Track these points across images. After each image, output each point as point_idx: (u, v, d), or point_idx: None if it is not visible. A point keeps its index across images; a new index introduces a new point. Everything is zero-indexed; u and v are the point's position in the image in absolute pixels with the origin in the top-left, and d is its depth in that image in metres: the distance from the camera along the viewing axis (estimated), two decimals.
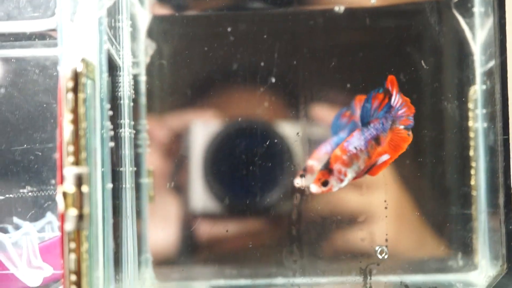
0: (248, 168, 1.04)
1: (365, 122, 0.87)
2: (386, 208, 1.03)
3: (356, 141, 0.86)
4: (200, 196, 1.05)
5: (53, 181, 1.00)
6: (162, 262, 1.05)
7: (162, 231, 1.05)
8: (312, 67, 1.05)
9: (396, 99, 0.86)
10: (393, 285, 1.02)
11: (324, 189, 0.86)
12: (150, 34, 1.06)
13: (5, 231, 1.00)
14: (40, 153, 0.99)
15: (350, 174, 0.86)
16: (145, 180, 1.05)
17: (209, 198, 1.05)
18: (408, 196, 1.04)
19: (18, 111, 0.99)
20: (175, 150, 1.06)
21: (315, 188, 0.86)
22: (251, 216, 1.05)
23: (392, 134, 0.87)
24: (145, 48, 1.06)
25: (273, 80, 1.02)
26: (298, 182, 1.00)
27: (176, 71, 1.06)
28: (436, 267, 1.04)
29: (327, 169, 0.86)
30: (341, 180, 0.86)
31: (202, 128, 1.06)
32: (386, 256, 1.02)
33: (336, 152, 0.87)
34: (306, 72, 1.05)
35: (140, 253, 1.03)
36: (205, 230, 1.05)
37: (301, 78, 1.05)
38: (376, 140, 0.86)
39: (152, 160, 1.05)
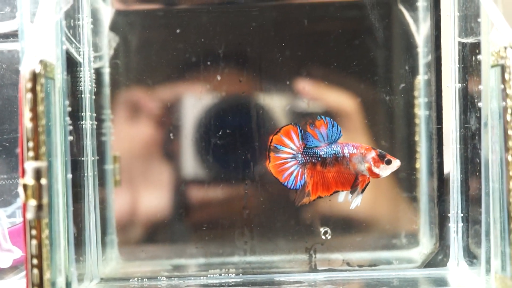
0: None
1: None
2: None
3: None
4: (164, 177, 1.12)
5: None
6: (127, 243, 1.12)
7: (127, 214, 1.12)
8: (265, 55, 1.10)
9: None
10: (336, 263, 1.09)
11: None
12: (113, 27, 1.11)
13: None
14: (7, 144, 1.05)
15: None
16: (110, 166, 1.11)
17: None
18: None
19: None
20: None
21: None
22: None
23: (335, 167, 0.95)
24: (109, 42, 1.11)
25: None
26: None
27: (138, 61, 1.12)
28: (383, 244, 1.11)
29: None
30: None
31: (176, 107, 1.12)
32: (329, 237, 1.10)
33: None
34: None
35: (106, 235, 1.10)
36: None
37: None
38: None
39: (118, 146, 1.11)
